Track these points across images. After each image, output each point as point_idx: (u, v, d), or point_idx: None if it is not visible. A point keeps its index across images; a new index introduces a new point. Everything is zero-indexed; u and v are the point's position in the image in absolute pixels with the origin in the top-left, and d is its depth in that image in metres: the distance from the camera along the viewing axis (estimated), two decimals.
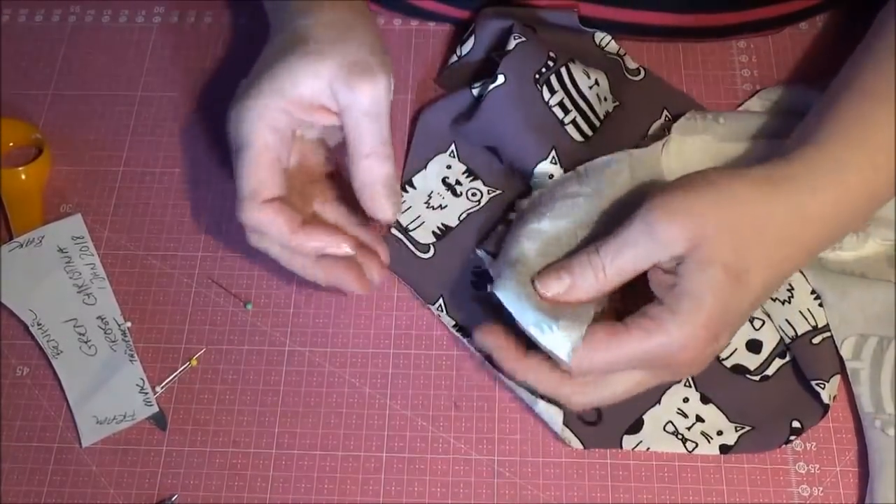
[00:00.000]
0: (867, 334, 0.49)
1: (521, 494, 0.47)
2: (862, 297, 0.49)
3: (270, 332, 0.52)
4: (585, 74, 0.54)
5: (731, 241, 0.41)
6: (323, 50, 0.46)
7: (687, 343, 0.41)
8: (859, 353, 0.49)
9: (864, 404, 0.48)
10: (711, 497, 0.47)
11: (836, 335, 0.49)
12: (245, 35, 0.63)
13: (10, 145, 0.59)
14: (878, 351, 0.48)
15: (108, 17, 0.64)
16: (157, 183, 0.57)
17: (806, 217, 0.43)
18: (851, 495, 0.47)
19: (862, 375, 0.48)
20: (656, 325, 0.41)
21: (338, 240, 0.47)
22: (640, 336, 0.41)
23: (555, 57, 0.54)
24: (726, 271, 0.41)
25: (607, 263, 0.42)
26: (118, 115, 0.60)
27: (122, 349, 0.51)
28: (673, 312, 0.41)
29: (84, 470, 0.49)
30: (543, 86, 0.53)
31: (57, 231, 0.55)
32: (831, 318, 0.49)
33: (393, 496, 0.48)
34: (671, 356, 0.41)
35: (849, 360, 0.49)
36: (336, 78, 0.45)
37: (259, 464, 0.49)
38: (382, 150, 0.46)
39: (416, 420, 0.50)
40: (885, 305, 0.49)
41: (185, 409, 0.50)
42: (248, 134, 0.45)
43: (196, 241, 0.55)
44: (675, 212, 0.41)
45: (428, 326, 0.52)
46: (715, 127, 0.55)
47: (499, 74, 0.53)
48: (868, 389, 0.48)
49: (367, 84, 0.45)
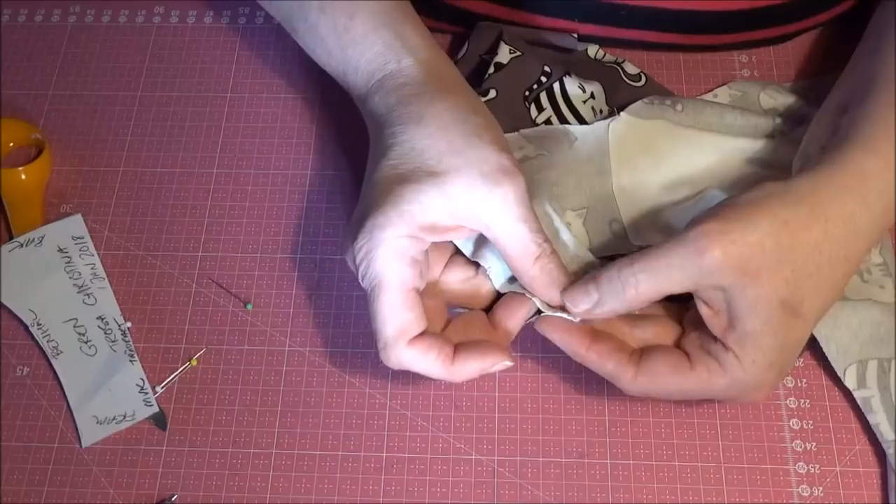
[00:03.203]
0: (866, 359, 0.48)
1: (521, 494, 0.47)
2: (850, 322, 0.48)
3: (270, 332, 0.52)
4: (581, 89, 0.54)
5: (787, 273, 0.39)
6: (449, 168, 0.41)
7: (753, 385, 0.41)
8: (864, 380, 0.48)
9: (885, 431, 0.47)
10: (711, 497, 0.47)
11: (836, 366, 0.48)
12: (245, 35, 0.63)
13: (10, 145, 0.59)
14: (881, 375, 0.47)
15: (108, 17, 0.64)
16: (157, 183, 0.57)
17: (859, 232, 0.41)
18: (851, 495, 0.47)
19: (874, 403, 0.47)
20: (722, 368, 0.41)
21: (494, 358, 0.42)
22: (704, 378, 0.41)
23: (549, 71, 0.54)
24: (784, 308, 0.40)
25: (642, 280, 0.40)
26: (118, 115, 0.60)
27: (122, 349, 0.51)
28: (737, 357, 0.40)
29: (84, 470, 0.49)
30: (532, 104, 0.53)
31: (57, 231, 0.55)
32: (828, 350, 0.48)
33: (393, 496, 0.48)
34: (736, 396, 0.42)
35: (856, 389, 0.48)
36: (471, 196, 0.41)
37: (259, 464, 0.49)
38: (548, 247, 0.42)
39: (416, 420, 0.50)
40: (873, 326, 0.48)
41: (185, 409, 0.50)
42: (382, 273, 0.41)
43: (196, 241, 0.55)
44: (729, 241, 0.39)
45: None
46: (672, 113, 0.54)
47: (490, 89, 0.53)
48: (884, 416, 0.47)
49: (511, 190, 0.41)
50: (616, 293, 0.41)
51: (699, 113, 0.54)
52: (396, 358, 0.42)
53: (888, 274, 0.50)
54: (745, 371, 0.40)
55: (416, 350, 0.41)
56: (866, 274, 0.50)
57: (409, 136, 0.43)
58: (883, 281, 0.50)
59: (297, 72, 0.61)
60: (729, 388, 0.41)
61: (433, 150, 0.42)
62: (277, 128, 0.59)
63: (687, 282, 0.40)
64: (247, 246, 0.55)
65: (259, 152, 0.58)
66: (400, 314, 0.41)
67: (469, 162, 0.42)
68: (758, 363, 0.40)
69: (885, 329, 0.48)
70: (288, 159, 0.58)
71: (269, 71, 0.61)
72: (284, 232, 0.55)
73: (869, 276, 0.50)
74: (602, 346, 0.43)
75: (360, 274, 0.42)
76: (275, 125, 0.59)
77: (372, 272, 0.41)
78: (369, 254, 0.41)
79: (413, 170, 0.42)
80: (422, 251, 0.42)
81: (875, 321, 0.48)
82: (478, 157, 0.42)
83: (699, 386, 0.42)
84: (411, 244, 0.41)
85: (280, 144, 0.58)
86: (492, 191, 0.41)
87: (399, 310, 0.41)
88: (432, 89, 0.45)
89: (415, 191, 0.41)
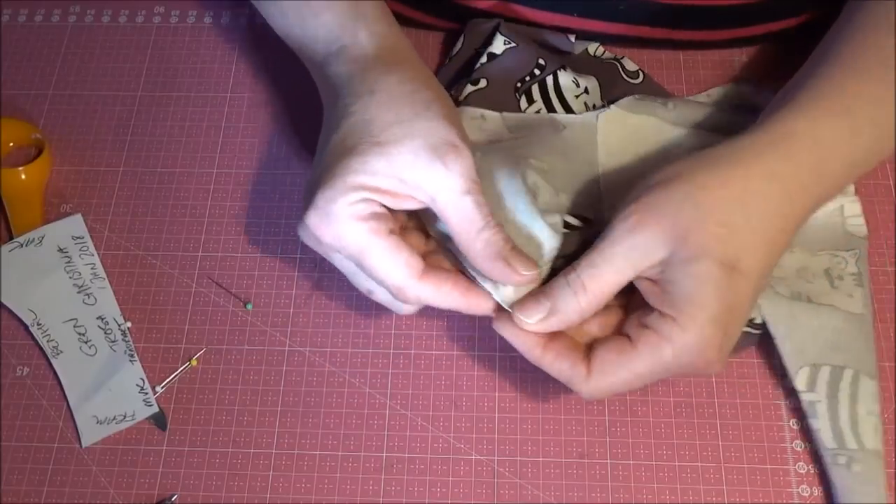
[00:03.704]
0: (820, 364, 0.47)
1: (521, 494, 0.47)
2: (810, 324, 0.48)
3: (270, 332, 0.52)
4: (575, 83, 0.54)
5: (714, 230, 0.40)
6: (395, 138, 0.42)
7: (698, 347, 0.40)
8: (814, 384, 0.47)
9: (825, 440, 0.46)
10: (711, 497, 0.47)
11: (788, 366, 0.47)
12: (245, 35, 0.63)
13: (10, 145, 0.59)
14: (832, 382, 0.47)
15: (108, 17, 0.64)
16: (157, 183, 0.57)
17: (788, 189, 0.41)
18: None
19: (819, 408, 0.47)
20: (661, 337, 0.40)
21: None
22: (648, 352, 0.40)
23: (543, 64, 0.54)
24: (718, 264, 0.39)
25: (587, 281, 0.41)
26: (118, 115, 0.60)
27: (122, 349, 0.51)
28: (674, 320, 0.40)
29: (84, 470, 0.49)
30: (522, 95, 0.53)
31: (57, 231, 0.55)
32: (783, 349, 0.47)
33: (393, 496, 0.48)
34: (688, 364, 0.40)
35: (803, 391, 0.47)
36: (416, 167, 0.41)
37: (259, 464, 0.49)
38: (492, 219, 0.42)
39: (416, 420, 0.50)
40: (833, 332, 0.48)
41: (185, 409, 0.50)
42: (354, 241, 0.41)
43: (196, 241, 0.55)
44: (649, 213, 0.40)
45: (428, 326, 0.52)
46: (662, 110, 0.54)
47: (481, 79, 0.53)
48: (828, 424, 0.46)
49: (455, 163, 0.41)
50: (566, 298, 0.41)
51: (690, 112, 0.54)
52: (415, 295, 0.42)
53: (860, 284, 0.50)
54: (686, 331, 0.39)
55: (430, 283, 0.42)
56: (837, 280, 0.50)
57: (360, 108, 0.43)
58: (853, 290, 0.49)
59: (297, 71, 0.60)
60: (679, 356, 0.40)
61: (381, 122, 0.42)
62: (277, 128, 0.59)
63: (628, 267, 0.41)
64: (247, 246, 0.55)
65: (259, 152, 0.58)
66: (394, 259, 0.41)
67: (415, 133, 0.42)
68: (697, 319, 0.39)
69: (844, 337, 0.48)
70: (288, 159, 0.58)
71: (269, 71, 0.61)
72: (284, 232, 0.55)
73: (840, 282, 0.50)
74: (558, 345, 0.42)
75: (326, 247, 0.42)
76: (275, 125, 0.59)
77: (346, 246, 0.41)
78: (328, 224, 0.41)
79: (360, 141, 0.42)
80: (379, 206, 0.42)
81: (836, 328, 0.48)
82: (424, 129, 0.42)
83: (650, 362, 0.40)
84: (367, 205, 0.41)
85: (280, 144, 0.58)
86: (435, 162, 0.41)
87: (390, 257, 0.41)
88: (384, 63, 0.45)
89: (361, 161, 0.41)
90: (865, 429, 0.46)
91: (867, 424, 0.46)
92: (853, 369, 0.47)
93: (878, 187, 0.55)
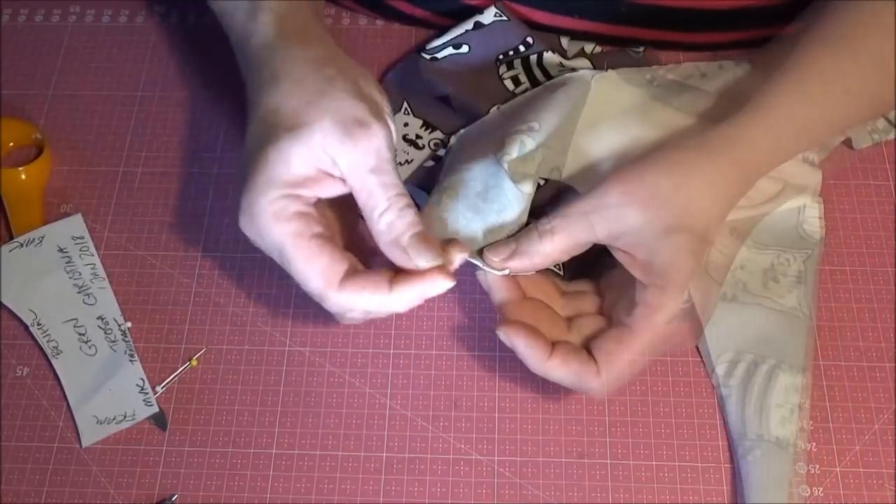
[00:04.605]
0: (737, 359, 0.49)
1: (521, 494, 0.48)
2: (733, 323, 0.50)
3: (270, 332, 0.52)
4: (560, 65, 0.55)
5: (689, 205, 0.43)
6: (304, 120, 0.41)
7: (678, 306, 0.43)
8: (729, 377, 0.49)
9: (732, 429, 0.48)
10: (711, 497, 0.47)
11: (707, 360, 0.49)
12: None
13: (10, 145, 0.59)
14: (746, 375, 0.48)
15: (108, 17, 0.64)
16: (157, 183, 0.57)
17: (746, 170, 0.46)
18: (851, 495, 0.47)
19: (731, 399, 0.48)
20: (652, 307, 0.42)
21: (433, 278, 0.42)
22: (646, 326, 0.43)
23: (531, 42, 0.54)
24: (694, 236, 0.43)
25: (557, 228, 0.43)
26: (118, 115, 0.60)
27: (122, 349, 0.51)
28: (663, 288, 0.42)
29: (84, 470, 0.49)
30: (503, 65, 0.54)
31: (57, 231, 0.55)
32: (702, 344, 0.50)
33: (393, 496, 0.48)
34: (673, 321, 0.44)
35: (720, 386, 0.49)
36: (327, 145, 0.41)
37: (259, 464, 0.49)
38: (398, 201, 0.42)
39: (416, 420, 0.50)
40: (755, 329, 0.49)
41: (185, 409, 0.50)
42: (275, 239, 0.41)
43: (196, 241, 0.55)
44: (627, 183, 0.43)
45: (428, 326, 0.52)
46: (649, 87, 0.54)
47: (463, 44, 0.53)
48: (736, 412, 0.48)
49: (363, 140, 0.41)
50: (532, 241, 0.44)
51: (676, 94, 0.54)
52: (336, 305, 0.42)
53: (800, 283, 0.51)
54: (673, 296, 0.43)
55: (349, 291, 0.41)
56: (772, 283, 0.51)
57: (268, 97, 0.43)
58: (791, 288, 0.51)
59: None
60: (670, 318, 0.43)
61: (289, 106, 0.42)
62: None
63: (598, 228, 0.43)
64: (247, 246, 0.55)
65: None
66: (312, 266, 0.41)
67: (323, 112, 0.41)
68: (680, 284, 0.43)
69: (769, 332, 0.49)
70: None
71: None
72: None
73: (774, 284, 0.51)
74: (561, 351, 0.44)
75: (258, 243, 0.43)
76: None
77: (267, 242, 0.42)
78: (253, 223, 0.42)
79: (273, 129, 0.42)
80: (307, 203, 0.42)
81: (759, 325, 0.49)
82: (331, 107, 0.42)
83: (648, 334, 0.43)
84: (289, 202, 0.41)
85: None
86: (344, 140, 0.41)
87: (309, 262, 0.41)
88: (285, 46, 0.45)
89: (276, 150, 0.41)
90: (772, 418, 0.47)
91: (775, 414, 0.47)
92: (773, 361, 0.48)
93: (878, 187, 0.55)
